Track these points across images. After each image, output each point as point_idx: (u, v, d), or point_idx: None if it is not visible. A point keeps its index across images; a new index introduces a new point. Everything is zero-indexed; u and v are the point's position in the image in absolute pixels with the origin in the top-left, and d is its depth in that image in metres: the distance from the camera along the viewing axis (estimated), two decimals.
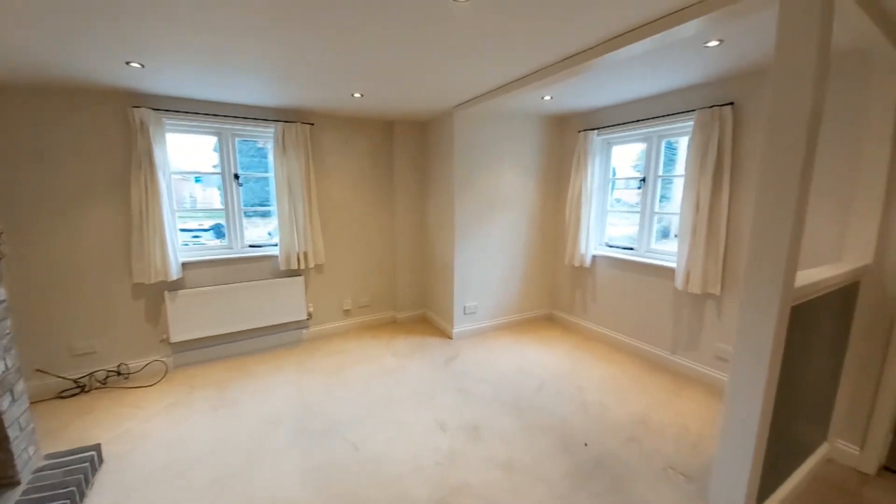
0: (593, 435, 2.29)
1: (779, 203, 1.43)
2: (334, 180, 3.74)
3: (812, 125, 1.35)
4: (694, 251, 2.77)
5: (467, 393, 2.77)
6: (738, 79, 2.56)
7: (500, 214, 3.83)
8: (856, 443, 2.09)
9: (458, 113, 3.35)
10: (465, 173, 3.56)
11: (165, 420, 2.47)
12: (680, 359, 3.07)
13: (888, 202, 1.94)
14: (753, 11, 1.52)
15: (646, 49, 1.92)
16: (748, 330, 1.54)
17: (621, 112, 3.35)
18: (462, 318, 3.76)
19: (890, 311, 1.96)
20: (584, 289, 3.88)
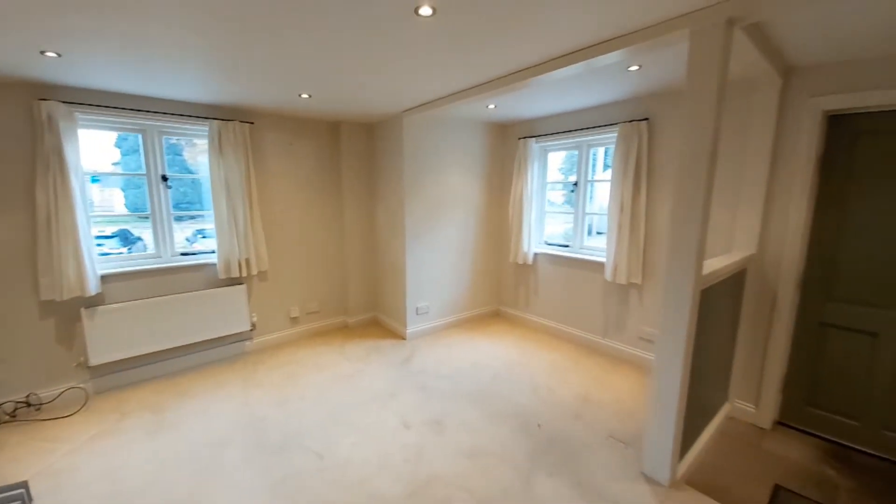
0: (545, 416, 2.52)
1: (691, 206, 1.74)
2: (278, 182, 3.59)
3: (714, 140, 1.66)
4: (620, 246, 3.16)
5: (427, 389, 2.86)
6: (652, 98, 2.98)
7: (449, 216, 3.97)
8: (752, 402, 2.56)
9: (408, 117, 3.42)
10: (415, 176, 3.64)
11: (94, 452, 2.21)
12: (611, 342, 3.46)
13: (767, 203, 2.41)
14: (664, 46, 1.82)
15: (577, 72, 2.17)
16: (670, 312, 1.84)
17: (556, 122, 3.68)
18: (415, 319, 3.84)
19: (771, 291, 2.44)
20: (527, 284, 4.18)
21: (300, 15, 1.61)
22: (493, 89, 2.54)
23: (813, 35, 1.81)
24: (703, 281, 1.84)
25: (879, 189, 2.12)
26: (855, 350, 2.25)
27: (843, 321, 2.27)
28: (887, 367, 2.15)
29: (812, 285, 2.36)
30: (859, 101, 2.09)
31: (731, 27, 1.59)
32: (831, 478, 2.04)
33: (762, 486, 1.99)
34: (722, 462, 2.16)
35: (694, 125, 1.69)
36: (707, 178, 1.69)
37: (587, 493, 1.89)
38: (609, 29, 1.76)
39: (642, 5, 1.55)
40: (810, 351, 2.40)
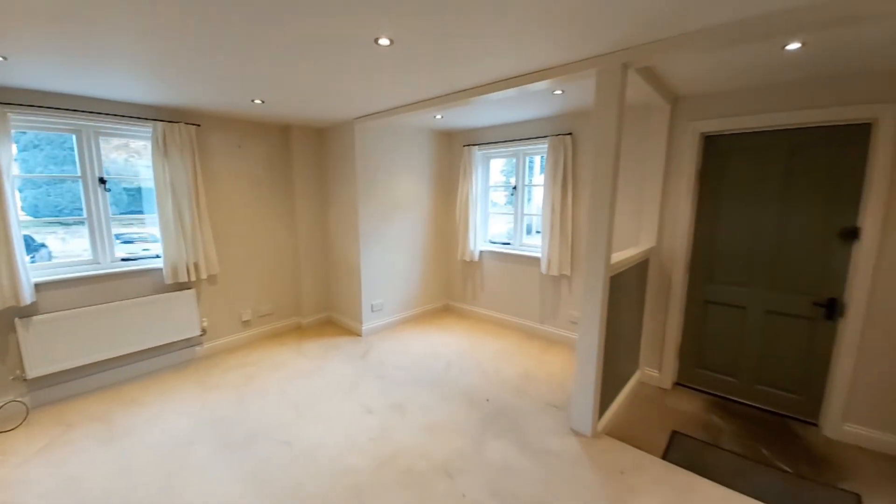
0: (493, 392, 2.87)
1: (601, 208, 2.16)
2: (227, 185, 3.59)
3: (617, 154, 2.10)
4: (552, 243, 3.62)
5: (386, 379, 3.08)
6: (574, 116, 3.47)
7: (401, 218, 4.20)
8: (656, 368, 3.11)
9: (359, 124, 3.60)
10: (368, 180, 3.83)
11: (48, 462, 2.15)
12: (546, 327, 3.93)
13: (663, 206, 2.97)
14: (579, 79, 2.24)
15: (512, 94, 2.54)
16: (587, 297, 2.26)
17: (497, 132, 4.08)
18: (370, 316, 4.02)
19: (667, 276, 3.01)
20: (474, 280, 4.55)
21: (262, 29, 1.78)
22: (440, 104, 2.84)
23: (689, 75, 2.34)
24: (612, 269, 2.28)
25: (741, 194, 2.74)
26: (730, 321, 2.87)
27: (721, 298, 2.89)
28: (754, 334, 2.78)
29: (697, 270, 2.95)
30: (726, 125, 2.70)
31: (626, 69, 2.03)
32: (716, 423, 2.60)
33: (663, 432, 2.49)
34: (633, 416, 2.65)
35: (601, 142, 2.12)
36: (612, 185, 2.12)
37: (528, 448, 2.25)
38: (537, 63, 2.14)
39: (561, 50, 1.94)
40: (698, 324, 3.00)
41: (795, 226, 2.56)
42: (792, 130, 2.52)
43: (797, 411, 2.67)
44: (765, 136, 2.61)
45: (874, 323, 2.28)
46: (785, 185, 2.58)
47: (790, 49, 1.89)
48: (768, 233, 2.66)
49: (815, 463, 2.22)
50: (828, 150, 2.42)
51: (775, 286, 2.67)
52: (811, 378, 2.59)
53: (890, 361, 2.25)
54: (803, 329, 2.60)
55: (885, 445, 2.29)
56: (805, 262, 2.55)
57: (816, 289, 2.52)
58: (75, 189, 2.98)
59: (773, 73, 2.27)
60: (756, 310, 2.76)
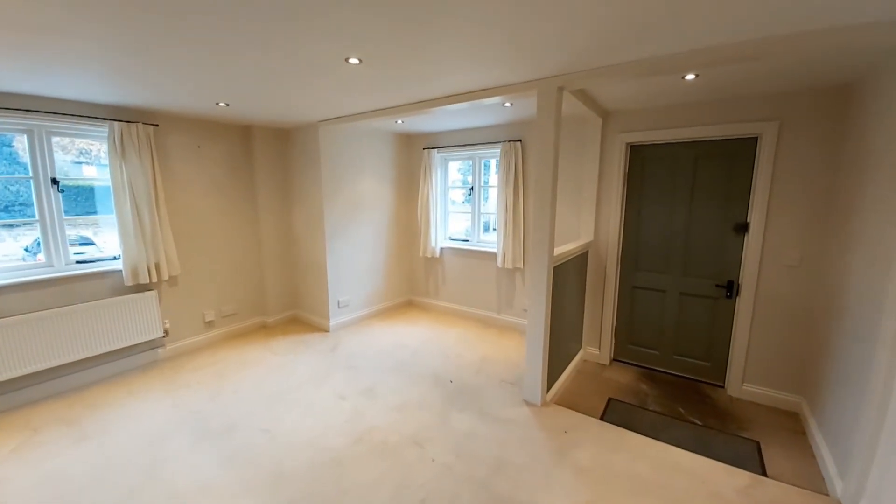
0: (455, 374, 3.18)
1: (543, 207, 2.53)
2: (187, 185, 3.60)
3: (555, 160, 2.47)
4: (506, 240, 3.99)
5: (356, 369, 3.29)
6: (523, 125, 3.85)
7: (365, 217, 4.39)
8: (595, 346, 3.58)
9: (324, 127, 3.76)
10: (333, 180, 3.98)
11: (23, 462, 2.16)
12: (503, 315, 4.31)
13: (598, 205, 3.42)
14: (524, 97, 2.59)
15: (467, 106, 2.85)
16: (534, 286, 2.63)
17: (454, 136, 4.38)
18: (337, 312, 4.18)
19: (603, 266, 3.47)
20: (436, 275, 4.83)
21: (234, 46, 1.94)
22: (402, 112, 3.08)
23: (614, 96, 2.77)
24: (555, 261, 2.66)
25: (658, 195, 3.24)
26: (653, 303, 3.37)
27: (645, 283, 3.39)
28: (671, 313, 3.30)
29: (626, 261, 3.44)
30: (645, 137, 3.18)
31: (561, 91, 2.40)
32: (644, 390, 3.08)
33: (601, 399, 2.92)
34: (576, 388, 3.07)
35: (542, 151, 2.48)
36: (552, 187, 2.49)
37: (486, 417, 2.58)
38: (488, 81, 2.46)
39: (508, 73, 2.27)
40: (628, 306, 3.49)
41: (700, 221, 3.09)
42: (696, 143, 3.04)
43: (707, 376, 3.22)
44: (675, 147, 3.12)
45: (762, 300, 2.84)
46: (692, 187, 3.10)
47: (688, 79, 2.35)
48: (680, 227, 3.18)
49: (721, 417, 2.73)
50: (724, 160, 2.96)
51: (687, 272, 3.19)
52: (717, 347, 3.14)
53: (776, 331, 2.82)
54: (709, 307, 3.14)
55: (776, 401, 2.85)
56: (709, 252, 3.08)
57: (718, 273, 3.06)
58: (24, 189, 2.90)
59: (677, 97, 2.75)
60: (672, 292, 3.28)
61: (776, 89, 2.55)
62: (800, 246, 2.68)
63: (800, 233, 2.67)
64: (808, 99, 2.53)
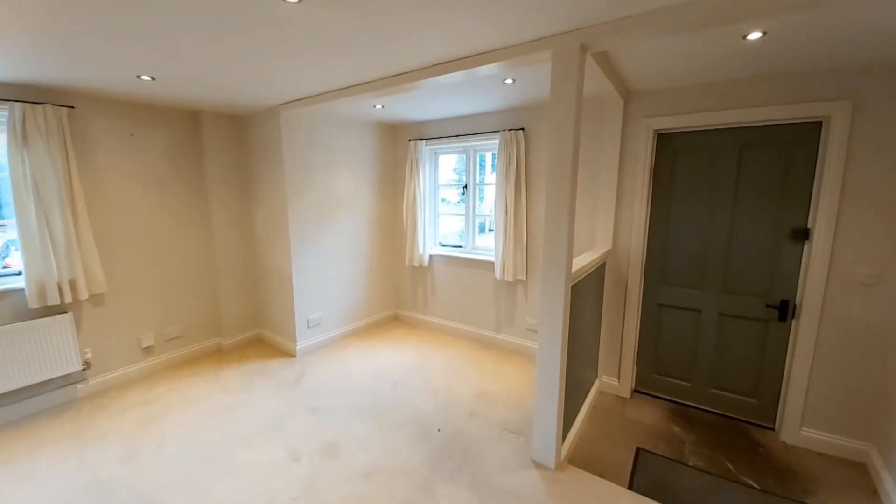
0: (444, 418, 2.54)
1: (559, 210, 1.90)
2: (115, 183, 2.94)
3: (576, 146, 1.85)
4: (506, 247, 3.37)
5: (320, 411, 2.64)
6: (526, 110, 3.23)
7: (340, 219, 3.75)
8: (614, 376, 2.96)
9: (286, 111, 3.11)
10: (300, 176, 3.34)
11: None
12: (502, 335, 3.68)
13: (618, 206, 2.81)
14: (532, 63, 1.97)
15: (459, 80, 2.22)
16: (548, 311, 2.00)
17: (445, 126, 3.75)
18: (306, 333, 3.53)
19: (623, 279, 2.85)
20: (425, 286, 4.20)
21: None
22: (377, 90, 2.45)
23: (645, 67, 2.15)
24: (572, 278, 2.04)
25: (693, 194, 2.63)
26: (684, 324, 2.77)
27: (675, 301, 2.78)
28: (708, 337, 2.69)
29: (651, 273, 2.83)
30: (678, 122, 2.57)
31: (584, 52, 1.78)
32: (677, 434, 2.47)
33: (627, 449, 2.31)
34: (596, 433, 2.45)
35: (558, 137, 1.86)
36: (571, 185, 1.87)
37: (483, 490, 1.95)
38: (486, 43, 1.83)
39: (512, 28, 1.64)
40: (653, 328, 2.88)
41: (747, 226, 2.49)
42: (742, 129, 2.44)
43: (753, 416, 2.62)
44: (715, 134, 2.52)
45: (829, 324, 2.24)
46: (736, 184, 2.50)
47: (751, 39, 1.74)
48: (720, 233, 2.57)
49: (779, 474, 2.13)
50: (778, 150, 2.36)
51: (728, 288, 2.59)
52: (766, 381, 2.54)
53: (845, 363, 2.22)
54: (757, 332, 2.54)
55: (844, 450, 2.26)
56: (757, 264, 2.49)
57: (769, 290, 2.47)
58: None
59: (728, 67, 2.14)
60: (709, 312, 2.68)
61: (851, 61, 1.96)
62: (878, 258, 2.09)
63: (879, 242, 2.09)
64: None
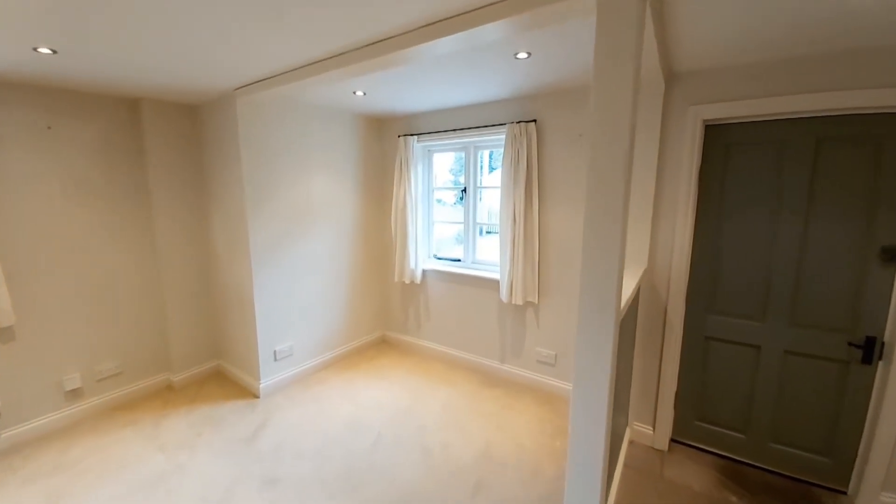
0: (440, 491, 1.96)
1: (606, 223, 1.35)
2: (28, 189, 2.33)
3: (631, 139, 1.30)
4: (514, 263, 2.81)
5: (278, 485, 2.04)
6: (540, 98, 2.68)
7: (317, 229, 3.16)
8: (649, 423, 2.41)
9: (243, 97, 2.52)
10: (262, 178, 2.75)
11: None
12: (509, 367, 3.12)
13: (655, 215, 2.27)
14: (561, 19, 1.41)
15: (456, 47, 1.66)
16: (589, 352, 1.44)
17: (440, 119, 3.19)
18: (272, 367, 2.93)
19: (662, 305, 2.31)
20: (417, 305, 3.63)
21: None
22: (352, 64, 1.87)
23: (701, 31, 1.61)
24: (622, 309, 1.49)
25: (753, 201, 2.10)
26: (738, 363, 2.23)
27: (726, 334, 2.24)
28: (769, 380, 2.15)
29: (696, 299, 2.29)
30: (733, 110, 2.04)
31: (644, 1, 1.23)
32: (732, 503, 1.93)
33: None
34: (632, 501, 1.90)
35: (605, 122, 1.30)
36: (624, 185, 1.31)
37: None
38: None
39: None
40: (698, 365, 2.34)
41: (823, 243, 1.97)
42: (821, 119, 1.91)
43: (823, 477, 2.09)
44: (782, 126, 1.99)
45: None
46: (809, 189, 1.97)
47: None
48: (787, 251, 2.05)
49: None
50: (868, 146, 1.84)
51: (796, 320, 2.06)
52: (842, 436, 2.02)
53: None
54: (833, 375, 2.01)
55: None
56: (836, 291, 1.96)
57: (850, 325, 1.94)
58: None
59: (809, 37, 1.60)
60: (772, 349, 2.14)
61: None
62: None
63: None
64: None
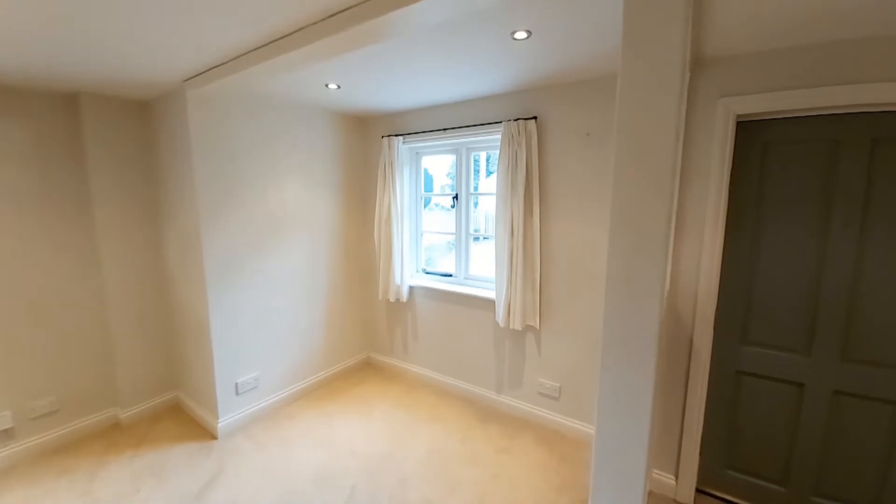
0: None
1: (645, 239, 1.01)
2: None
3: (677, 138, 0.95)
4: (512, 282, 2.45)
5: None
6: (541, 90, 2.34)
7: (290, 242, 2.79)
8: (671, 472, 2.05)
9: (193, 91, 2.16)
10: (222, 185, 2.38)
11: None
12: (506, 398, 2.75)
13: (680, 229, 1.93)
14: None
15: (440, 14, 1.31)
16: (620, 390, 1.10)
17: (428, 118, 2.85)
18: (232, 402, 2.54)
19: (686, 333, 1.97)
20: (404, 326, 3.26)
21: None
22: (315, 40, 1.52)
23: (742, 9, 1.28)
24: None
25: (789, 212, 1.77)
26: (777, 402, 1.88)
27: (762, 368, 1.90)
28: (814, 423, 1.80)
29: (726, 326, 1.94)
30: (771, 103, 1.71)
31: None
32: None
33: None
34: None
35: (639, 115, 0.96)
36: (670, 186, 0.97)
37: None
38: None
39: None
40: (727, 403, 1.99)
41: (883, 261, 1.63)
42: (879, 115, 1.59)
43: None
44: (832, 122, 1.67)
45: None
46: (864, 198, 1.64)
47: None
48: (838, 271, 1.71)
49: None
50: None
51: (851, 355, 1.72)
52: None
53: None
54: (893, 420, 1.67)
55: None
56: None
57: None
58: None
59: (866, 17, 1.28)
60: (818, 388, 1.80)
61: None
62: None
63: None
64: None
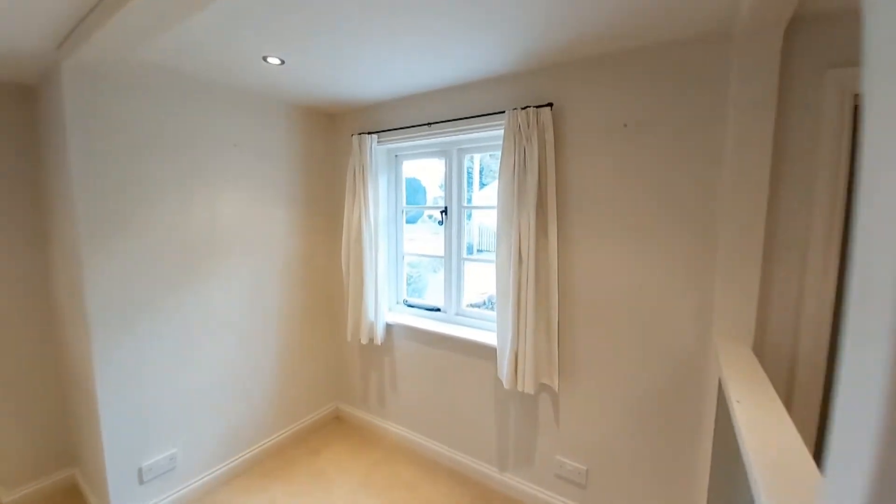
0: None
1: None
2: None
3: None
4: (520, 327, 1.81)
5: None
6: (560, 68, 1.74)
7: (225, 269, 2.13)
8: None
9: (69, 62, 1.53)
10: (117, 198, 1.72)
11: None
12: (512, 478, 2.06)
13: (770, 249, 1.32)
14: None
15: None
16: None
17: (408, 110, 2.25)
18: (134, 493, 1.82)
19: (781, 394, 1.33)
20: (380, 372, 2.59)
21: None
22: None
23: None
24: None
25: None
26: None
27: None
28: None
29: None
30: None
31: None
32: None
33: None
34: None
35: None
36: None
37: None
38: None
39: None
40: None
41: None
42: None
43: None
44: None
45: None
46: None
47: None
48: None
49: None
50: None
51: None
52: None
53: None
54: None
55: None
56: None
57: None
58: None
59: None
60: None
61: None
62: None
63: None
64: None
